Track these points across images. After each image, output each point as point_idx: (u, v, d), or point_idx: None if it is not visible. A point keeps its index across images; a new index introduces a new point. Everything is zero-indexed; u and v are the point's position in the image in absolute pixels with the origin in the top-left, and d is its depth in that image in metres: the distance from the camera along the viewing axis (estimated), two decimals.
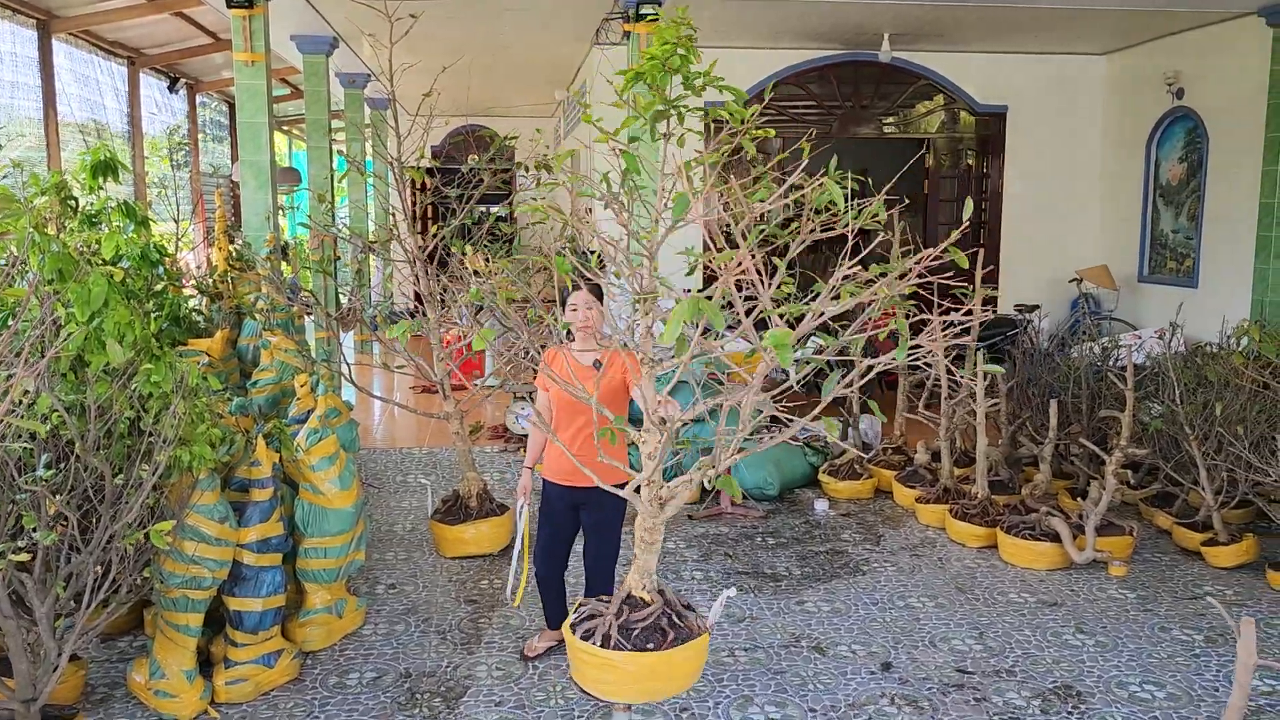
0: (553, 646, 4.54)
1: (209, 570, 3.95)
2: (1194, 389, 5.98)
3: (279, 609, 4.27)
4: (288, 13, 9.42)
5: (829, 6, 9.05)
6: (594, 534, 4.28)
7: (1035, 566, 5.67)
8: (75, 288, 3.44)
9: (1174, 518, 6.20)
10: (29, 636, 3.46)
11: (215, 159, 16.70)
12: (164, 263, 5.79)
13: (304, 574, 4.60)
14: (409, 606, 5.14)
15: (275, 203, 8.17)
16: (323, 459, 4.56)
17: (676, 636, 3.16)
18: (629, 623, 3.19)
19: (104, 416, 3.31)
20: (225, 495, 4.14)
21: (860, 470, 7.21)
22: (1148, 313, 10.57)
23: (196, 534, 3.88)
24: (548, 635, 4.56)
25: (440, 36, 10.08)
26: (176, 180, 13.15)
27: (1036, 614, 5.07)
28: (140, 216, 5.77)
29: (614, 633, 3.12)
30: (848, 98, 11.54)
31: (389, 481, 7.42)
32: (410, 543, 6.12)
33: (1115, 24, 9.95)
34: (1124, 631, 4.86)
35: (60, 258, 3.51)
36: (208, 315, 6.56)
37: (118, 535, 3.20)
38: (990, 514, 6.07)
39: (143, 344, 3.52)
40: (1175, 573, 5.66)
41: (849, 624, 4.95)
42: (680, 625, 3.23)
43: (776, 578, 5.57)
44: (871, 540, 6.20)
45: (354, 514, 4.66)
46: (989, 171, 11.91)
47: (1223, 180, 9.53)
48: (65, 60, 11.07)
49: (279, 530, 4.25)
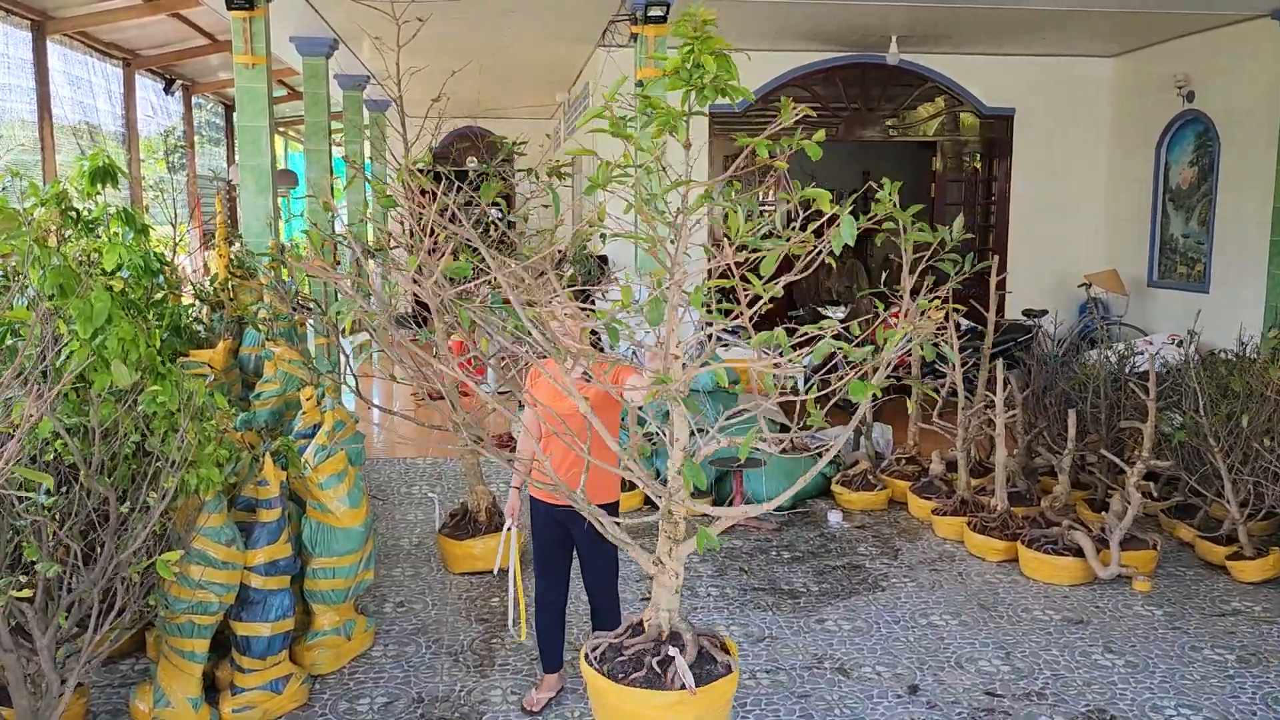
0: (554, 697, 4.21)
1: (216, 595, 3.80)
2: (1217, 399, 5.86)
3: (288, 633, 4.12)
4: (287, 14, 9.26)
5: (836, 9, 8.93)
6: (589, 551, 4.05)
7: (1058, 582, 5.54)
8: (77, 303, 3.29)
9: (1196, 530, 6.08)
10: (29, 667, 3.32)
11: (212, 161, 16.53)
12: (164, 271, 5.65)
13: (312, 595, 4.45)
14: (419, 626, 4.99)
15: (276, 207, 8.02)
16: (331, 476, 4.42)
17: (713, 672, 3.03)
18: (660, 659, 3.06)
19: (108, 439, 3.16)
20: (231, 515, 4.00)
21: (874, 481, 7.08)
22: (1157, 318, 10.46)
23: (203, 558, 3.74)
24: (547, 684, 4.22)
25: (442, 38, 9.92)
26: (174, 183, 12.97)
27: (1063, 632, 4.95)
28: (140, 224, 5.63)
29: (648, 672, 2.99)
30: (854, 100, 11.42)
31: (393, 493, 7.27)
32: (417, 558, 5.97)
33: (1124, 26, 9.84)
34: (1154, 651, 4.74)
35: (61, 271, 3.36)
36: (209, 324, 6.41)
37: (123, 564, 3.06)
38: (1010, 527, 5.94)
39: (147, 361, 3.38)
40: (1201, 588, 5.54)
41: (872, 644, 4.82)
42: (713, 659, 3.10)
43: (794, 594, 5.43)
44: (889, 554, 6.07)
45: (363, 533, 4.51)
46: (996, 175, 11.80)
47: (1235, 184, 9.42)
48: (60, 62, 10.90)
49: (287, 552, 4.11)
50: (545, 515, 4.06)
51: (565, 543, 4.12)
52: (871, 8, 8.91)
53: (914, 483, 6.99)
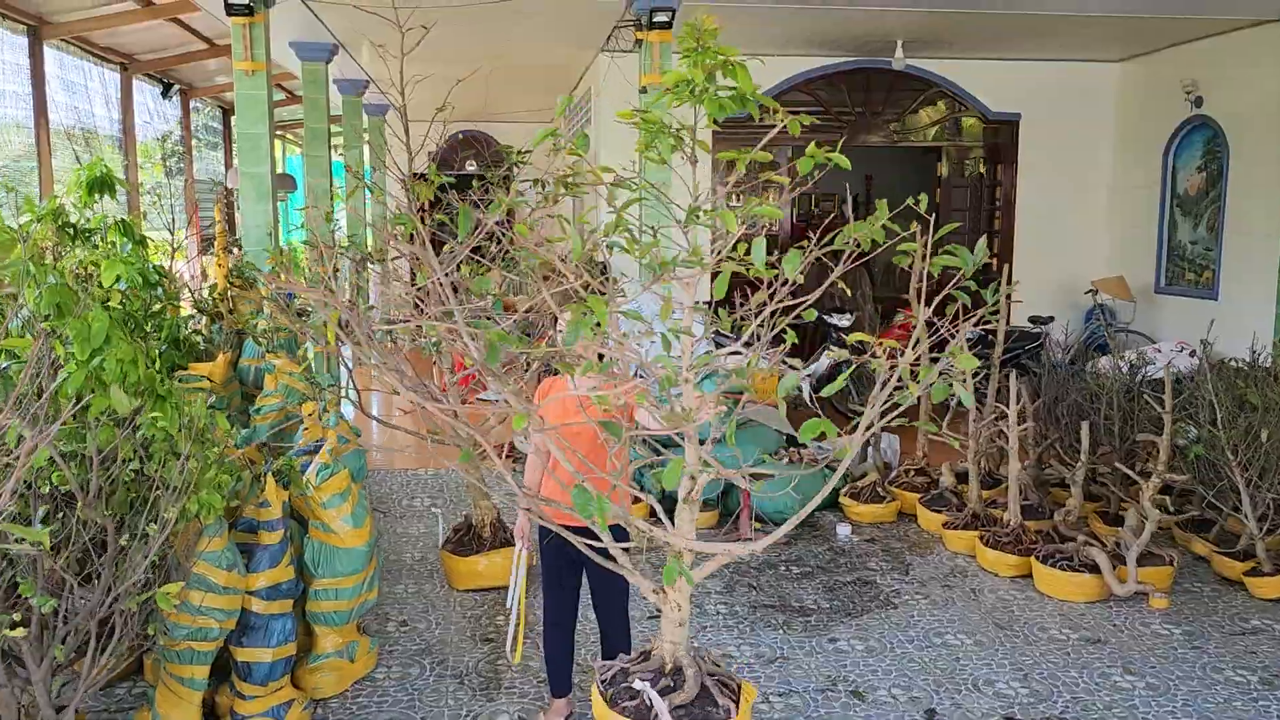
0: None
1: (216, 620, 3.70)
2: (1234, 412, 5.76)
3: (290, 658, 4.01)
4: (287, 19, 9.16)
5: (840, 14, 8.85)
6: (598, 571, 3.90)
7: (1073, 599, 5.44)
8: (75, 324, 3.19)
9: (1212, 544, 5.99)
10: (23, 698, 3.21)
11: (209, 165, 16.41)
12: (162, 283, 5.55)
13: (314, 617, 4.35)
14: (423, 647, 4.88)
15: (276, 215, 7.92)
16: (334, 495, 4.31)
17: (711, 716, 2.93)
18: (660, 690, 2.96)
19: (106, 466, 3.05)
20: (232, 537, 3.89)
21: (882, 493, 6.98)
22: (1164, 325, 10.37)
23: (203, 583, 3.63)
24: (556, 709, 4.10)
25: (444, 44, 9.81)
26: (171, 188, 12.86)
27: (1080, 652, 4.85)
28: (138, 235, 5.53)
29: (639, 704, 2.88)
30: (858, 105, 11.32)
31: (395, 506, 7.17)
32: (420, 573, 5.86)
33: (1130, 30, 9.75)
34: (1174, 672, 4.64)
35: (58, 290, 3.26)
36: (208, 336, 6.30)
37: (122, 596, 2.95)
38: (1023, 542, 5.84)
39: (147, 383, 3.27)
40: (1219, 605, 5.44)
41: (886, 665, 4.72)
42: (714, 702, 3.00)
43: (805, 612, 5.33)
44: (900, 569, 5.97)
45: (367, 553, 4.41)
46: (1001, 180, 11.71)
47: (1245, 190, 9.33)
48: (56, 67, 10.79)
49: (289, 575, 4.00)
50: (554, 533, 3.92)
51: (574, 561, 3.99)
52: (876, 13, 8.82)
53: (923, 495, 6.89)
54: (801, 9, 8.60)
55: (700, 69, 2.82)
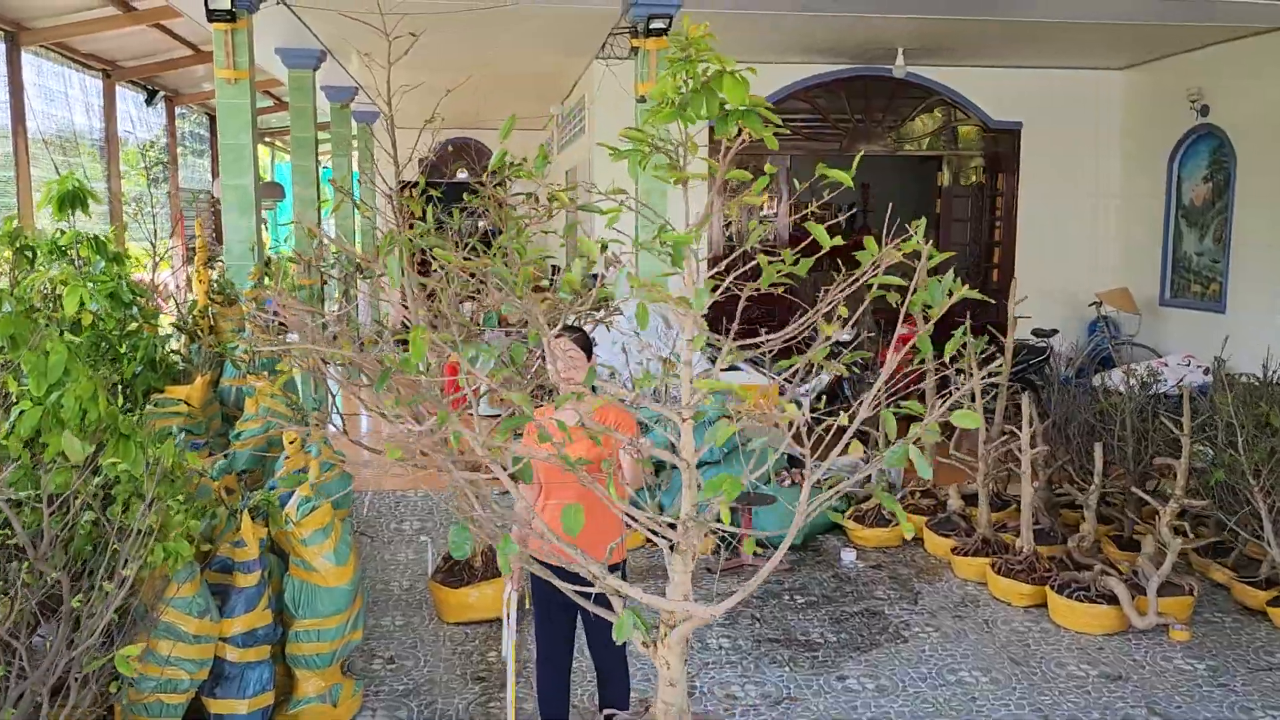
0: None
1: (187, 672, 3.45)
2: (1255, 435, 5.54)
3: (267, 708, 3.76)
4: (272, 26, 8.90)
5: (840, 21, 8.65)
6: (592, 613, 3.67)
7: (1091, 630, 5.21)
8: (30, 356, 2.94)
9: (1232, 572, 5.78)
10: None
11: (195, 173, 16.13)
12: (138, 302, 5.29)
13: (294, 660, 4.09)
14: (410, 687, 4.63)
15: (260, 227, 7.66)
16: (315, 531, 4.06)
17: None
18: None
19: (64, 511, 2.80)
20: (204, 579, 3.64)
21: (887, 516, 6.75)
22: (1170, 338, 10.17)
23: (173, 632, 3.38)
24: None
25: (434, 51, 9.58)
26: (155, 197, 12.58)
27: (1102, 691, 4.62)
28: (112, 251, 5.27)
29: None
30: (858, 113, 11.12)
31: (383, 530, 6.91)
32: (408, 604, 5.61)
33: (1134, 39, 9.57)
34: (1201, 714, 4.41)
35: (12, 320, 3.01)
36: (187, 356, 6.04)
37: (76, 661, 2.70)
38: (1037, 570, 5.61)
39: (109, 420, 3.02)
40: (1242, 637, 5.22)
41: (899, 706, 4.48)
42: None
43: (811, 646, 5.09)
44: (908, 598, 5.74)
45: (351, 591, 4.16)
46: (1002, 189, 11.51)
47: (1252, 201, 9.14)
48: (35, 74, 10.51)
49: (267, 620, 3.75)
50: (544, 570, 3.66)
51: (568, 602, 3.73)
52: (876, 20, 8.62)
53: (930, 518, 6.66)
54: (801, 16, 8.39)
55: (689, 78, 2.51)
